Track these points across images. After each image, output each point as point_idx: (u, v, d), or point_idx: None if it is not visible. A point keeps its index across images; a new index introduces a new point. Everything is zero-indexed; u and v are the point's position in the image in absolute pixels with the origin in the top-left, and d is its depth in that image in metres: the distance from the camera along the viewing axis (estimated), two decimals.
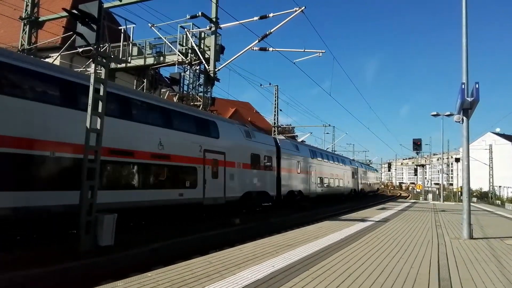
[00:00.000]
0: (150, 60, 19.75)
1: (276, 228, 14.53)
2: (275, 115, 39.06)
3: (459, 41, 10.59)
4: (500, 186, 68.10)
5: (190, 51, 18.55)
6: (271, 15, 17.95)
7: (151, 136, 12.19)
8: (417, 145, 34.90)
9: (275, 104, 38.96)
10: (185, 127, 14.05)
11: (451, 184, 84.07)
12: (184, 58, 18.52)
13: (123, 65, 19.32)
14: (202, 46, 18.83)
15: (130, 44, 19.83)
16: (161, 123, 12.85)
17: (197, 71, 18.87)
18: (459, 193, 51.27)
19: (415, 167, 60.77)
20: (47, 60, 23.08)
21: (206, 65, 18.45)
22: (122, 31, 19.32)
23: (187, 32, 18.64)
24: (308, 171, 26.28)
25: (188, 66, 18.70)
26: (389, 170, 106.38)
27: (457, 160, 52.17)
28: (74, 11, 9.11)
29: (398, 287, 5.36)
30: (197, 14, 17.87)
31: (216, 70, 18.32)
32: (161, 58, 19.51)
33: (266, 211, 20.25)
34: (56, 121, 9.24)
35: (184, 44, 18.78)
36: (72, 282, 7.00)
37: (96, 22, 8.98)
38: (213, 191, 14.91)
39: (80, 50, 12.11)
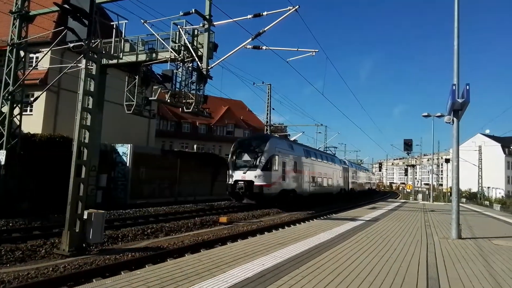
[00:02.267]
0: (142, 57, 19.54)
1: (267, 227, 14.53)
2: (267, 114, 39.08)
3: (451, 41, 10.68)
4: (488, 187, 69.10)
5: (182, 48, 18.38)
6: (265, 13, 17.88)
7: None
8: (408, 145, 35.25)
9: (268, 103, 38.98)
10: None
11: (441, 185, 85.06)
12: (176, 55, 18.36)
13: (115, 61, 19.12)
14: (195, 44, 18.67)
15: (122, 40, 19.61)
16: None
17: (190, 68, 18.71)
18: (449, 193, 51.82)
19: (406, 167, 61.21)
20: (37, 55, 22.82)
21: (199, 62, 18.32)
22: (114, 26, 19.08)
23: (180, 29, 18.48)
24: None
25: (181, 63, 18.53)
26: (380, 170, 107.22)
27: (447, 161, 52.55)
28: (66, 5, 8.98)
29: (387, 286, 5.39)
30: (190, 11, 17.71)
31: (209, 67, 18.20)
32: (154, 55, 19.31)
33: (259, 209, 20.25)
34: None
35: (177, 41, 18.61)
36: (60, 279, 6.91)
37: (88, 17, 8.89)
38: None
39: (71, 45, 11.93)
